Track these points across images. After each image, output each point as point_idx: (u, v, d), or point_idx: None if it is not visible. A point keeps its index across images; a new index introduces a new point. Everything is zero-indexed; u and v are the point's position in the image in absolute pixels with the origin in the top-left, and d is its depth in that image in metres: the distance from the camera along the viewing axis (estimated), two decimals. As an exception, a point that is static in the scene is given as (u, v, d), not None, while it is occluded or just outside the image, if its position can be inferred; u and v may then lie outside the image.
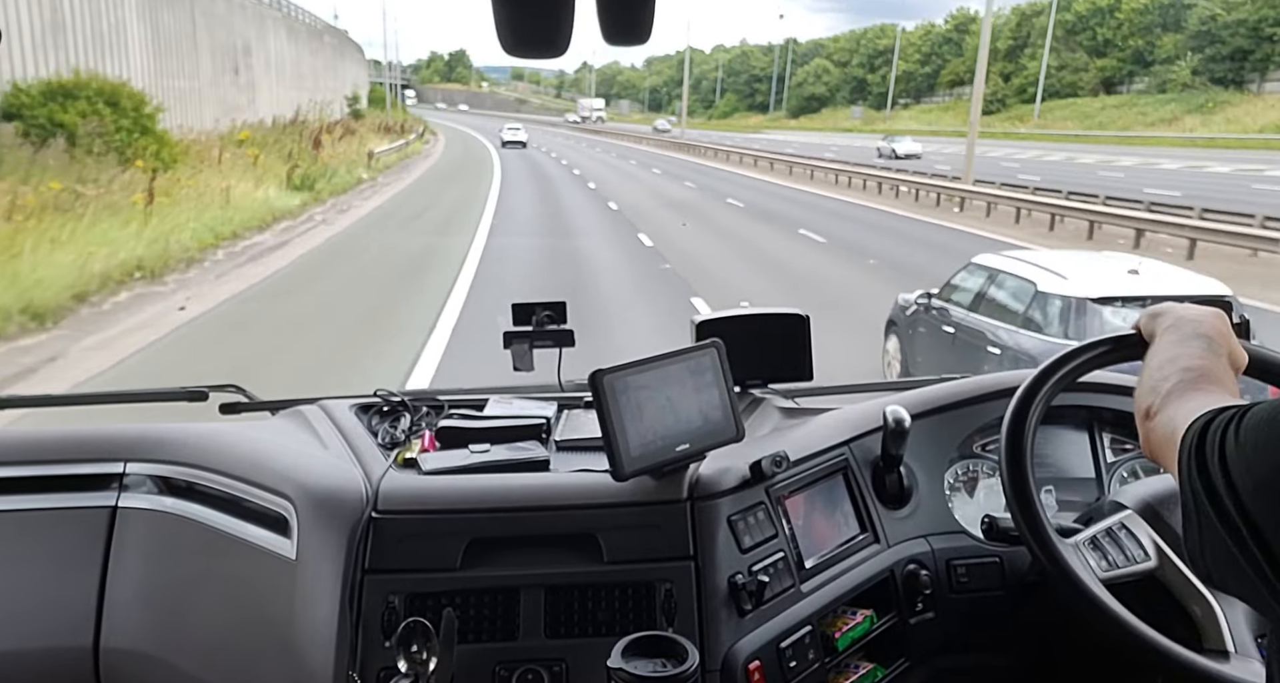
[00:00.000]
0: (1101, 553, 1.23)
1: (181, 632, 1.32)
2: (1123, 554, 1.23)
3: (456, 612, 1.13)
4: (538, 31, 0.70)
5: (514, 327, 1.59)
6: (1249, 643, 1.17)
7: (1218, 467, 0.68)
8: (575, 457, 1.39)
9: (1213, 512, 0.67)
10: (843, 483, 1.42)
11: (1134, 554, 1.23)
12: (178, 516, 1.36)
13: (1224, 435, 0.69)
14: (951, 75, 78.25)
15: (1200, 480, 0.69)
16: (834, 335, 6.27)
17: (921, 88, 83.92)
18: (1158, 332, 1.02)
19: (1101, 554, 1.23)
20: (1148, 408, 0.88)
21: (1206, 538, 0.69)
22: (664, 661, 1.00)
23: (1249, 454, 0.66)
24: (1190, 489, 0.71)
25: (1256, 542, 0.64)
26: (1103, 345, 1.19)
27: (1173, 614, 1.20)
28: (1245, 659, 1.15)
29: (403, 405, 1.53)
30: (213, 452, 1.38)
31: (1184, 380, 0.88)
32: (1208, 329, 0.98)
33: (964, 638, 1.41)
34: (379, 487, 1.23)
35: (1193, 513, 0.71)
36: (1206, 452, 0.70)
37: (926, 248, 13.72)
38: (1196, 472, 0.70)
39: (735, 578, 1.20)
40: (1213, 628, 1.18)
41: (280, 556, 1.23)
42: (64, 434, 1.49)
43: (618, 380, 1.15)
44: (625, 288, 10.55)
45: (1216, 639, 1.17)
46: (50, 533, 1.38)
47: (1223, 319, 1.01)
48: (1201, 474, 0.69)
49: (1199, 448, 0.71)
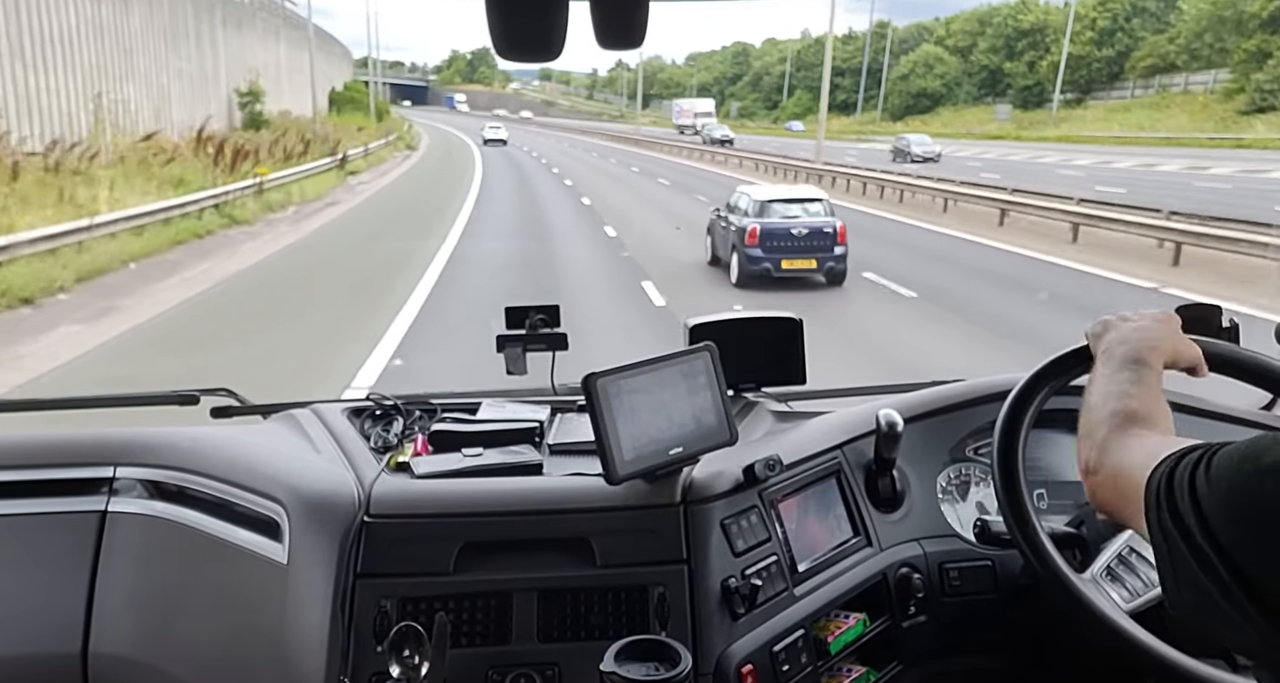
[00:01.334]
0: (1120, 583, 1.24)
1: (171, 637, 1.31)
2: (1141, 581, 1.24)
3: (449, 616, 1.12)
4: (531, 35, 0.71)
5: (508, 330, 1.59)
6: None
7: (1190, 509, 0.68)
8: (568, 460, 1.39)
9: (1189, 554, 0.67)
10: (836, 487, 1.42)
11: (1152, 579, 1.23)
12: (168, 520, 1.35)
13: (1193, 477, 0.69)
14: (1150, 58, 53.64)
15: (1174, 524, 0.69)
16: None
17: (1097, 78, 58.22)
18: (1097, 354, 1.04)
19: (1120, 584, 1.23)
20: (1088, 463, 0.89)
21: (1184, 580, 0.68)
22: (657, 664, 1.00)
23: (1223, 494, 0.66)
24: (1162, 533, 0.71)
25: (1236, 580, 0.64)
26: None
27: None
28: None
29: (395, 409, 1.53)
30: (204, 456, 1.37)
31: (1115, 427, 0.88)
32: (1136, 351, 0.99)
33: (956, 641, 1.41)
34: (371, 491, 1.22)
35: (1167, 557, 0.70)
36: (1176, 495, 0.70)
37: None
38: (1169, 516, 0.70)
39: (728, 582, 1.20)
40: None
41: (272, 560, 1.22)
42: (53, 438, 1.48)
43: (611, 384, 1.15)
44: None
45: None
46: (39, 538, 1.37)
47: (1162, 325, 1.03)
48: (1174, 518, 0.69)
49: (1168, 492, 0.71)
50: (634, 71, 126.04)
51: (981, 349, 7.41)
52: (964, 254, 13.22)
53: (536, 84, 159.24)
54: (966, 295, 10.04)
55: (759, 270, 9.97)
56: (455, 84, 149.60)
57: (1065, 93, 57.73)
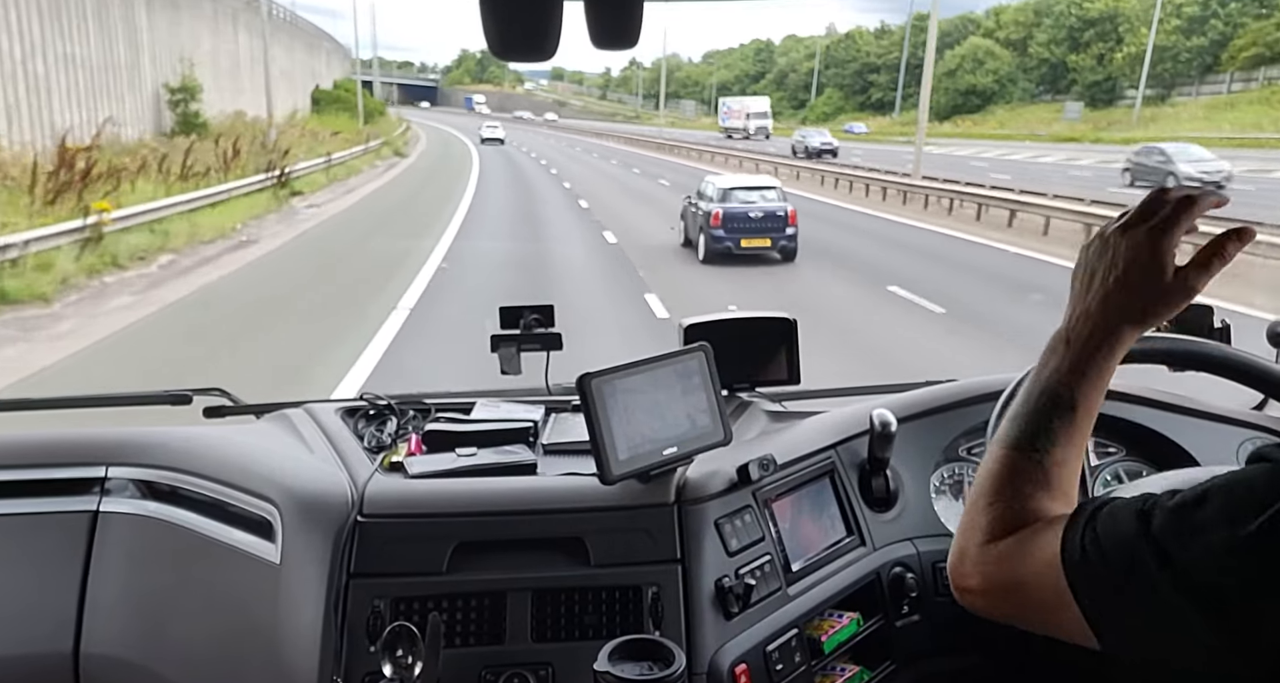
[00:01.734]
0: None
1: (164, 638, 1.30)
2: None
3: (443, 616, 1.12)
4: (525, 35, 0.71)
5: (502, 330, 1.59)
6: None
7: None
8: (563, 460, 1.39)
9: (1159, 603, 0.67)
10: (829, 486, 1.42)
11: None
12: (160, 520, 1.35)
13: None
14: (1255, 48, 45.11)
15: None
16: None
17: (1184, 71, 49.75)
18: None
19: None
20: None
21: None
22: (651, 664, 1.00)
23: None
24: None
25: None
26: None
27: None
28: None
29: (389, 409, 1.53)
30: (196, 456, 1.37)
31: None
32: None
33: (950, 641, 1.42)
34: (365, 491, 1.22)
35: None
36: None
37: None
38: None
39: (722, 581, 1.20)
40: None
41: (264, 560, 1.22)
42: (45, 438, 1.47)
43: (605, 384, 1.15)
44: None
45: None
46: (30, 538, 1.36)
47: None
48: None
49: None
50: (650, 71, 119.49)
51: None
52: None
53: (548, 84, 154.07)
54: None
55: (722, 248, 11.76)
56: (464, 84, 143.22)
57: (1148, 88, 49.16)
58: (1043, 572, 0.74)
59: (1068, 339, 0.83)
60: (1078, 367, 0.83)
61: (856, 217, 18.52)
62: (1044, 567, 0.74)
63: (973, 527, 0.83)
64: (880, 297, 9.99)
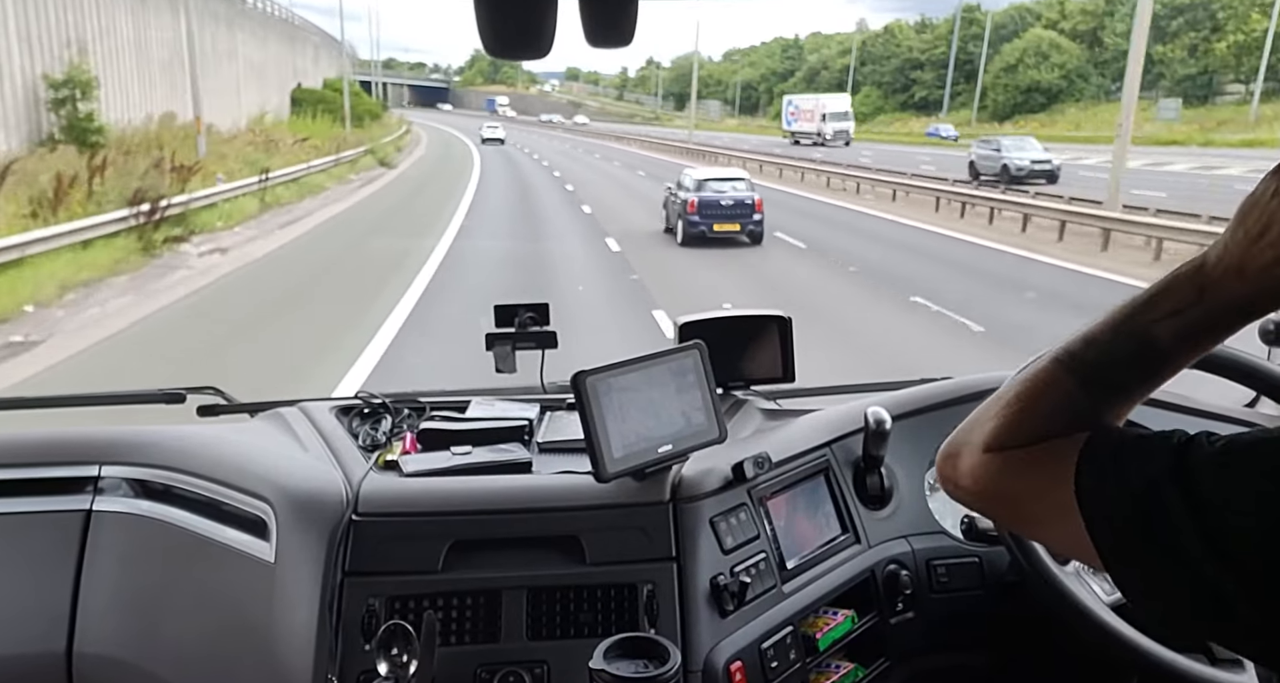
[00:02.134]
0: (1102, 576, 1.24)
1: (157, 637, 1.30)
2: None
3: (438, 614, 1.12)
4: (519, 32, 0.71)
5: (496, 328, 1.59)
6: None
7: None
8: (558, 459, 1.39)
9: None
10: (824, 484, 1.43)
11: None
12: (154, 519, 1.34)
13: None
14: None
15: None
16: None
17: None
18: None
19: (1102, 577, 1.24)
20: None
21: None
22: (646, 662, 1.00)
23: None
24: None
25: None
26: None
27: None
28: (1243, 669, 1.15)
29: (384, 407, 1.53)
30: (190, 454, 1.37)
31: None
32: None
33: (944, 638, 1.42)
34: (359, 489, 1.22)
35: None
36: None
37: None
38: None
39: (717, 579, 1.20)
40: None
41: (259, 559, 1.22)
42: (37, 437, 1.47)
43: (600, 382, 1.15)
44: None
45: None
46: (23, 537, 1.36)
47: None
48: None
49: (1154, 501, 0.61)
50: (668, 70, 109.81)
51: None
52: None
53: (561, 85, 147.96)
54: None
55: (697, 232, 13.30)
56: (477, 85, 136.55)
57: (1263, 81, 40.24)
58: (1048, 488, 0.67)
59: (1202, 289, 0.65)
60: (1194, 327, 0.67)
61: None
62: (1051, 483, 0.67)
63: (979, 424, 0.75)
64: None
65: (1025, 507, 0.72)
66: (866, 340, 7.90)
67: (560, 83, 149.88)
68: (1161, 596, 0.62)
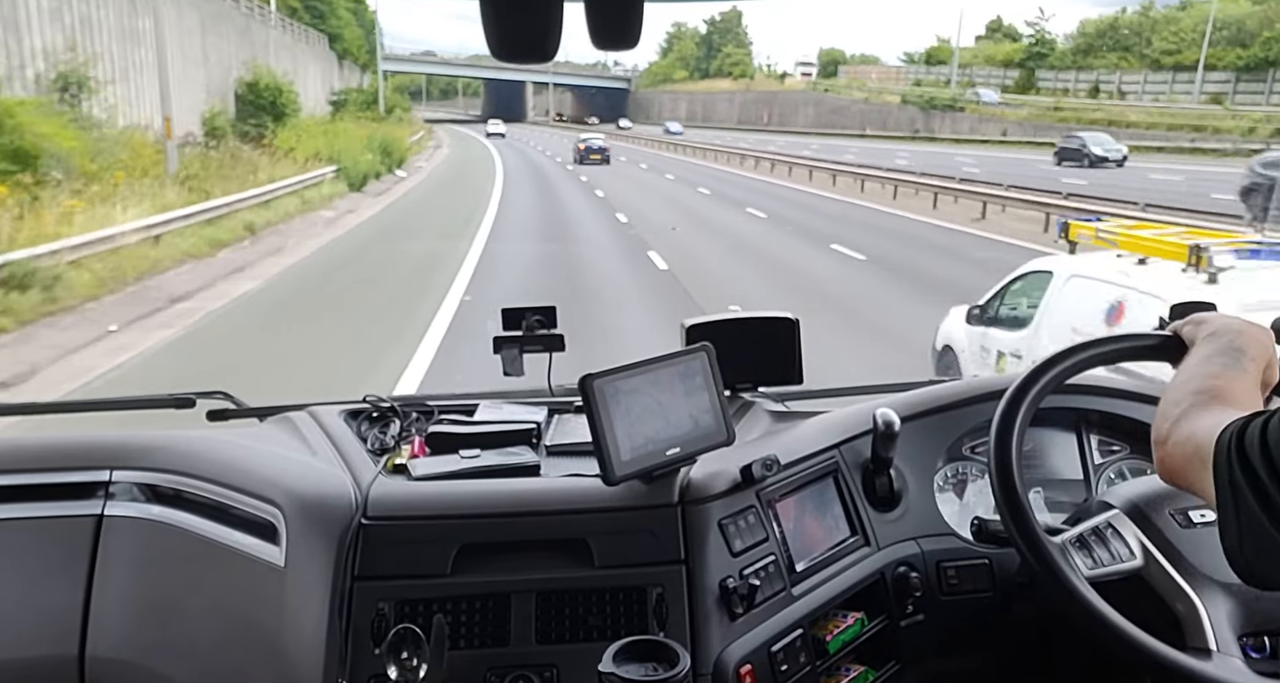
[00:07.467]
0: (1088, 551, 1.24)
1: (168, 641, 1.30)
2: (1108, 553, 1.24)
3: (447, 618, 1.12)
4: (525, 35, 0.71)
5: (504, 331, 1.59)
6: (1231, 641, 1.17)
7: (1261, 459, 0.70)
8: (566, 461, 1.39)
9: (1257, 504, 0.70)
10: (833, 486, 1.42)
11: (1120, 553, 1.24)
12: (165, 524, 1.35)
13: (1264, 430, 0.71)
14: None
15: (1244, 475, 0.71)
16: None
17: None
18: (1198, 339, 1.03)
19: (1088, 553, 1.24)
20: (1159, 434, 0.89)
21: (1248, 532, 0.71)
22: (655, 665, 1.00)
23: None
24: (1231, 486, 0.73)
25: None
26: (1088, 349, 1.21)
27: (1157, 613, 1.21)
28: (1227, 657, 1.16)
29: (392, 411, 1.53)
30: (200, 459, 1.37)
31: (1195, 404, 0.89)
32: (1244, 342, 0.98)
33: (954, 640, 1.42)
34: (368, 493, 1.22)
35: (1232, 509, 0.73)
36: (1248, 448, 0.72)
37: None
38: (1239, 467, 0.72)
39: (726, 582, 1.20)
40: (1195, 626, 1.19)
41: (269, 563, 1.22)
42: (49, 442, 1.48)
43: (608, 385, 1.15)
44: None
45: (1199, 637, 1.18)
46: (35, 542, 1.37)
47: (1269, 336, 1.01)
48: (1245, 468, 0.71)
49: (1239, 446, 0.73)
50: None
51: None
52: None
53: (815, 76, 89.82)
54: None
55: (577, 158, 33.96)
56: (668, 85, 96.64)
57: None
58: (1204, 442, 0.79)
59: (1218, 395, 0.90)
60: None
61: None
62: (1206, 436, 0.79)
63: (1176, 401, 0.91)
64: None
65: (1190, 457, 0.85)
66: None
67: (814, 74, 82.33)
68: (1251, 536, 0.72)
